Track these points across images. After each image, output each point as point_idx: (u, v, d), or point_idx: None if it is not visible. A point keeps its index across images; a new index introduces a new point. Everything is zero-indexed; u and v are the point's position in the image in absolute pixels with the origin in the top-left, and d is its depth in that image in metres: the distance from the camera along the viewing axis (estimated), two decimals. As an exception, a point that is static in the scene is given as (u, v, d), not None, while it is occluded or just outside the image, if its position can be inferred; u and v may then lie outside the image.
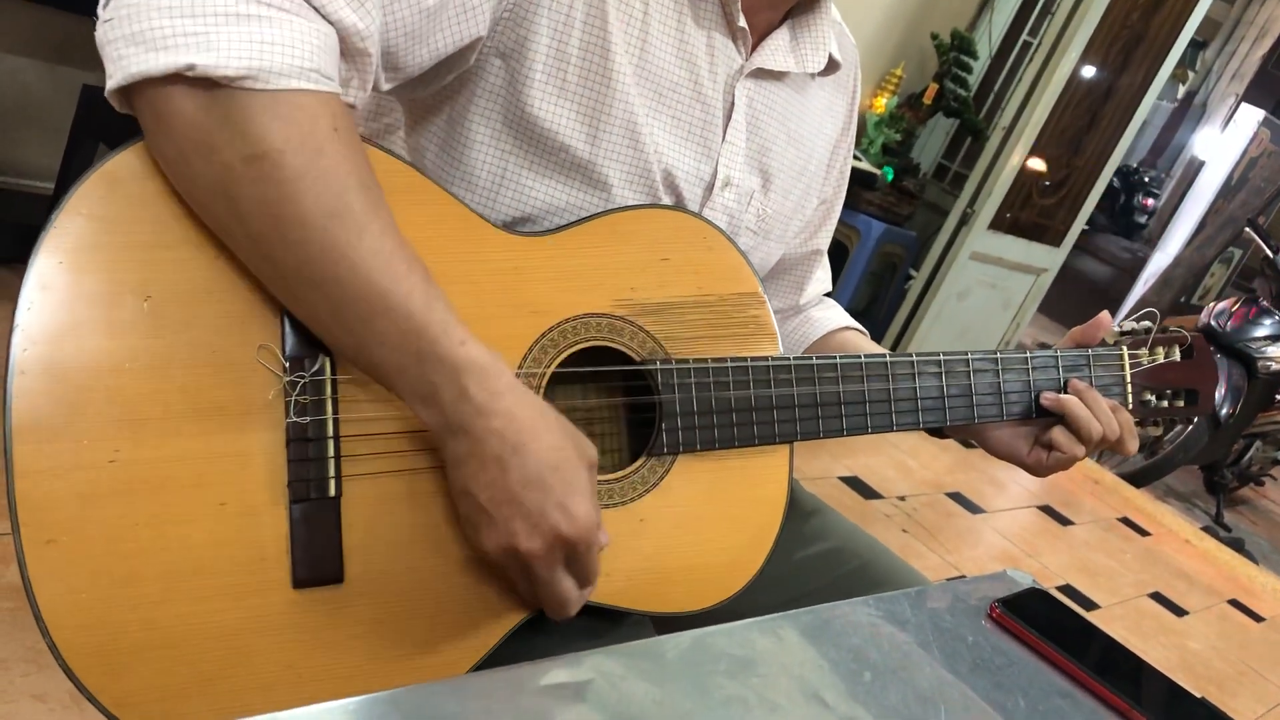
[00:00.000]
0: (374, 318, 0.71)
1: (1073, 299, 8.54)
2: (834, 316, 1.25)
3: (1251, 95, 10.25)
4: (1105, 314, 1.12)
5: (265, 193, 0.69)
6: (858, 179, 4.41)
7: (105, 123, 2.46)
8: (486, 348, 0.75)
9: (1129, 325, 1.14)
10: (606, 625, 0.93)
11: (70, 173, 2.53)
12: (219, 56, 0.66)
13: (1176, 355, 1.14)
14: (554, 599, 0.79)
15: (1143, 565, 4.03)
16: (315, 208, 0.69)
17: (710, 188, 0.99)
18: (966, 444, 4.35)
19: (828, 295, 1.31)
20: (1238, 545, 4.60)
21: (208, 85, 0.67)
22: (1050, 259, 4.83)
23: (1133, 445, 1.07)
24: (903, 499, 3.62)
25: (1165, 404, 1.14)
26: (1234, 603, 4.01)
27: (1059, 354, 1.08)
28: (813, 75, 1.06)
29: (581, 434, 0.79)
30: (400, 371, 0.73)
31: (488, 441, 0.74)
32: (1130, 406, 1.12)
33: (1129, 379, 1.12)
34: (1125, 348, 1.12)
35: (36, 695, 1.52)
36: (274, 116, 0.68)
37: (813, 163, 1.11)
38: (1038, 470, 1.09)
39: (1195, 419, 4.63)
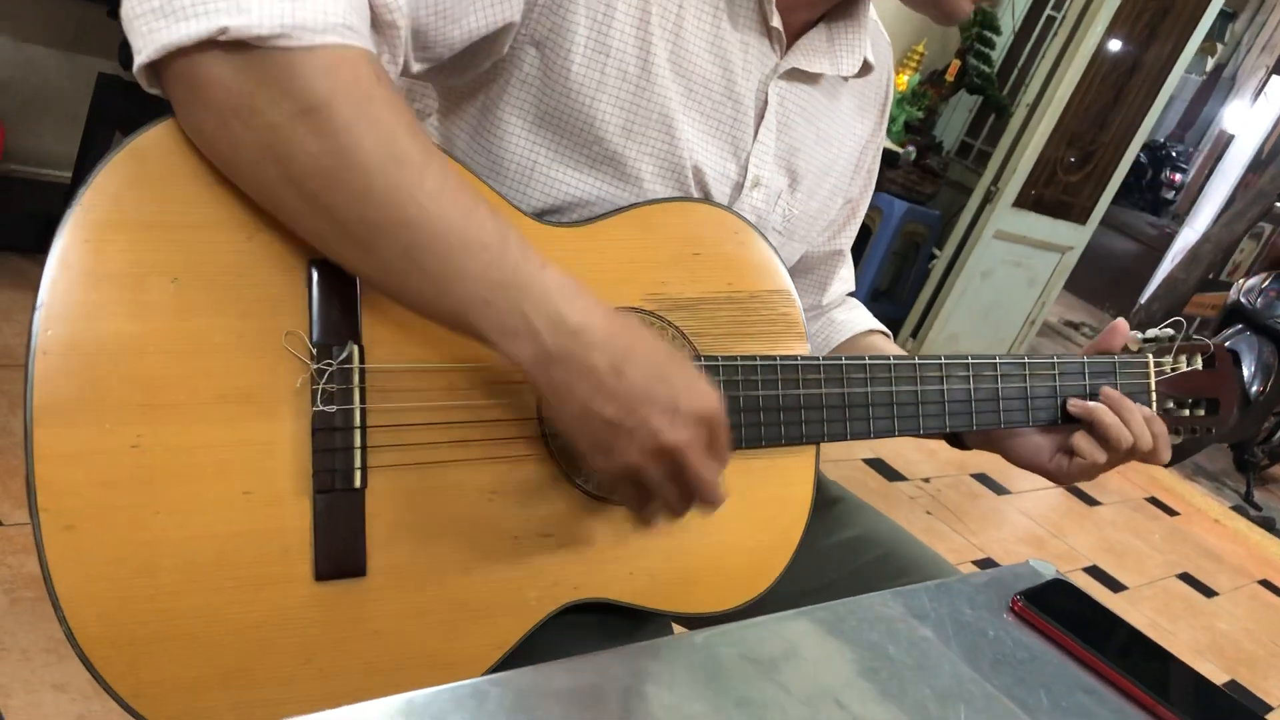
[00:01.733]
0: (450, 254, 0.70)
1: (1099, 276, 8.47)
2: (858, 319, 1.23)
3: (1282, 67, 10.09)
4: (1121, 321, 1.11)
5: (320, 145, 0.67)
6: (881, 158, 4.38)
7: (121, 111, 2.45)
8: (563, 269, 0.73)
9: (1153, 333, 1.13)
10: (628, 625, 0.92)
11: (87, 161, 2.53)
12: (251, 18, 0.65)
13: (1199, 364, 1.13)
14: (706, 485, 0.77)
15: (1171, 545, 3.99)
16: (374, 152, 0.68)
17: (740, 187, 0.98)
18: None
19: (850, 295, 1.29)
20: (1268, 524, 4.55)
21: (243, 48, 0.66)
22: (1076, 236, 4.77)
23: (1166, 455, 1.05)
24: (927, 481, 3.60)
25: (1186, 413, 1.13)
26: (1264, 583, 3.97)
27: (1086, 361, 1.08)
28: (846, 78, 1.04)
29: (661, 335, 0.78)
30: (485, 305, 0.71)
31: (594, 356, 0.72)
32: (1155, 414, 1.10)
33: (1154, 387, 1.11)
34: (1151, 355, 1.11)
35: (58, 685, 1.53)
36: (316, 70, 0.67)
37: (840, 162, 1.09)
38: (1059, 478, 1.08)
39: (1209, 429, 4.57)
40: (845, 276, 1.24)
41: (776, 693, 0.62)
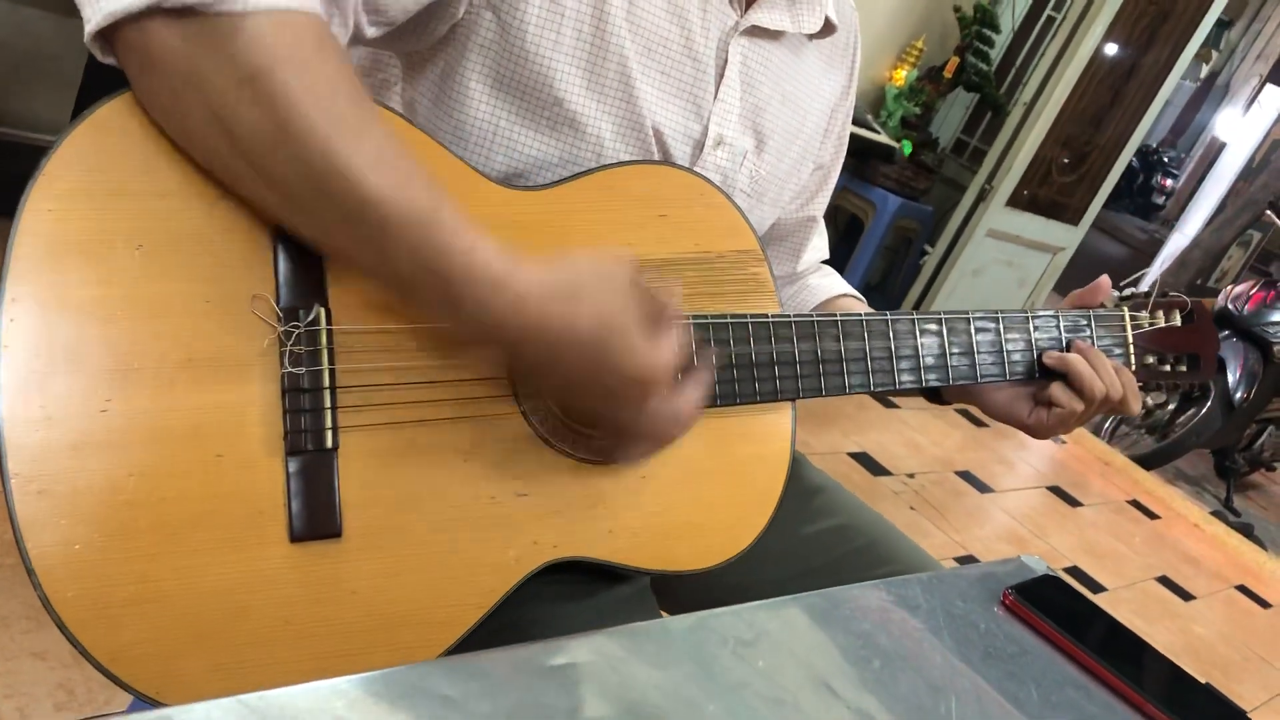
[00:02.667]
0: (384, 226, 0.69)
1: (1088, 278, 8.45)
2: (832, 284, 1.23)
3: (1276, 76, 10.12)
4: (1105, 277, 1.11)
5: (259, 113, 0.67)
6: (875, 152, 4.37)
7: (116, 77, 2.43)
8: (497, 247, 0.72)
9: (1129, 291, 1.14)
10: (606, 585, 0.92)
11: (80, 127, 2.51)
12: None
13: (1177, 320, 1.13)
14: (687, 417, 0.80)
15: (1151, 548, 4.01)
16: (311, 120, 0.67)
17: (700, 146, 0.98)
18: (977, 422, 4.34)
19: (825, 263, 1.29)
20: (1247, 530, 4.58)
21: (189, 15, 0.66)
22: (1068, 237, 4.79)
23: (1135, 405, 1.06)
24: (911, 476, 3.61)
25: (1168, 368, 1.14)
26: (1241, 588, 4.00)
27: (1060, 314, 1.08)
28: (809, 37, 1.04)
29: (604, 264, 0.76)
30: (414, 286, 0.71)
31: (525, 351, 0.74)
32: (1134, 369, 1.11)
33: (1131, 340, 1.11)
34: (1127, 309, 1.11)
35: (37, 653, 1.52)
36: (257, 36, 0.67)
37: (808, 125, 1.09)
38: (1038, 431, 1.08)
39: (1209, 403, 4.60)
40: (819, 245, 1.24)
41: (769, 678, 0.62)
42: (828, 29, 1.03)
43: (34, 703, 1.46)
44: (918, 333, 1.00)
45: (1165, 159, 13.59)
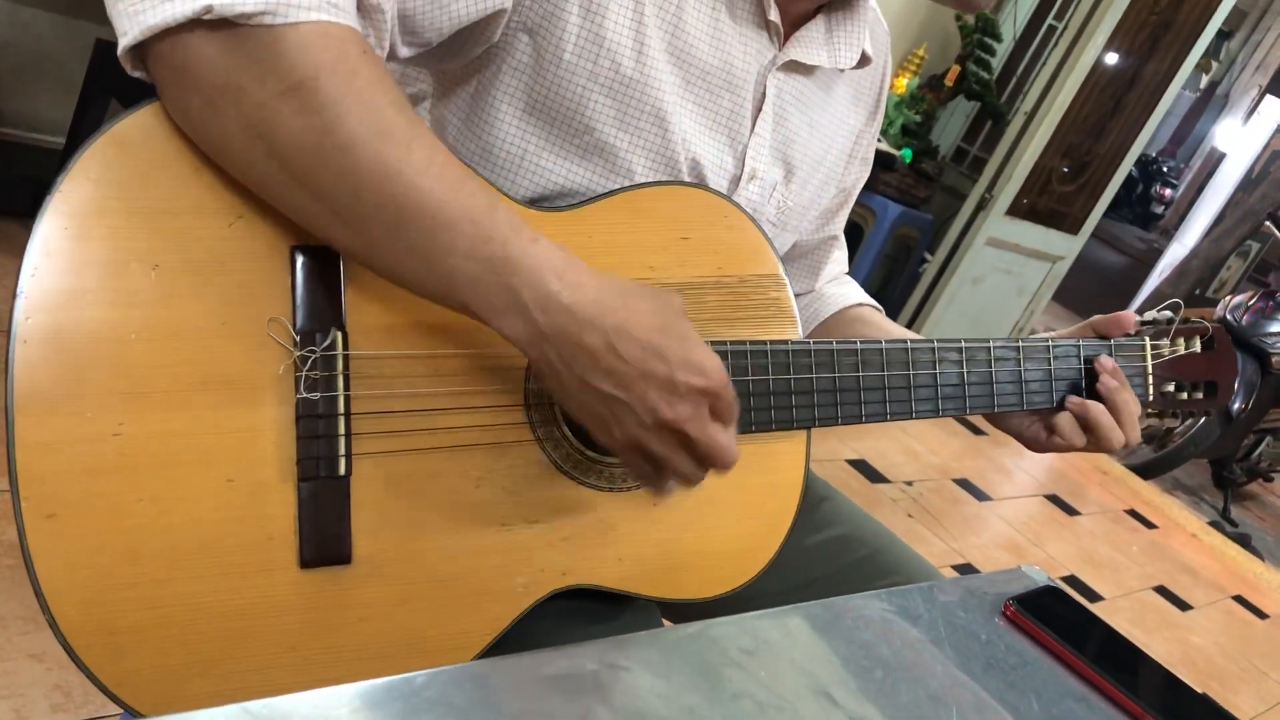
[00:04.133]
0: (438, 231, 0.69)
1: (1087, 288, 8.50)
2: (849, 293, 1.22)
3: (1276, 87, 10.14)
4: (1131, 313, 1.08)
5: (306, 123, 0.67)
6: (876, 160, 4.37)
7: (118, 78, 2.42)
8: (554, 242, 0.73)
9: (1150, 315, 1.10)
10: (613, 610, 0.91)
11: (82, 128, 2.51)
12: None
13: (1197, 347, 1.10)
14: (715, 451, 0.75)
15: (1148, 558, 4.01)
16: (360, 129, 0.67)
17: (737, 180, 0.97)
18: (975, 430, 4.34)
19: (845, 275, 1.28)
20: (1244, 541, 4.58)
21: (227, 27, 0.66)
22: (1067, 247, 4.79)
23: (1136, 438, 1.04)
24: (910, 484, 3.61)
25: (1185, 395, 1.11)
26: (1239, 599, 4.00)
27: (1081, 343, 1.05)
28: (843, 70, 1.04)
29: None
30: (475, 282, 0.70)
31: (587, 334, 0.71)
32: (1151, 398, 1.09)
33: (1150, 370, 1.09)
34: (1148, 338, 1.09)
35: (34, 655, 1.52)
36: (301, 47, 0.66)
37: (833, 152, 1.09)
38: (1033, 446, 1.07)
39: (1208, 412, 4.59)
40: (839, 259, 1.23)
41: (770, 687, 0.62)
42: (863, 62, 1.02)
43: (30, 704, 1.46)
44: (937, 361, 0.98)
45: (1165, 169, 13.61)
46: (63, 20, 2.64)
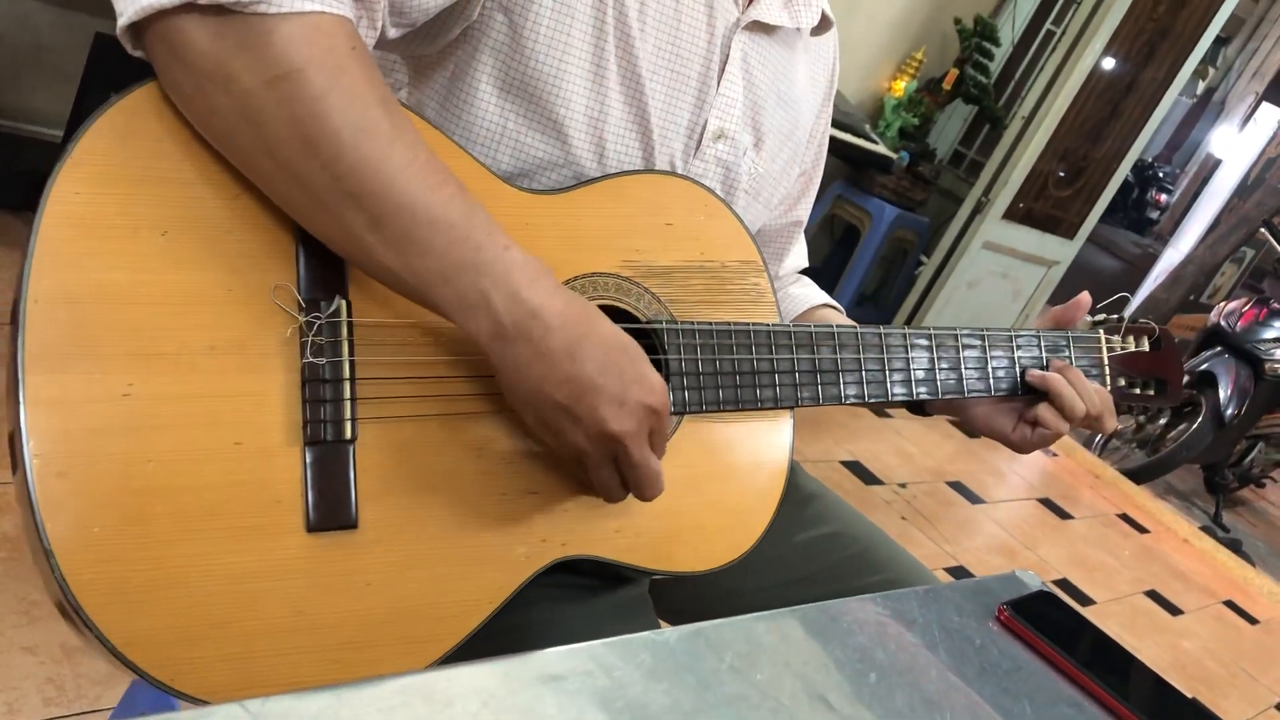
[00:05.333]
0: (415, 228, 0.71)
1: (1081, 292, 8.49)
2: (811, 294, 1.26)
3: (1272, 94, 10.16)
4: (1085, 295, 1.15)
5: (292, 113, 0.68)
6: (873, 162, 4.38)
7: (117, 71, 2.42)
8: (526, 251, 0.75)
9: (1101, 315, 1.18)
10: (606, 588, 0.94)
11: (80, 121, 2.49)
12: None
13: (1146, 346, 1.18)
14: (647, 477, 0.79)
15: (1140, 562, 4.02)
16: (344, 123, 0.69)
17: (700, 138, 0.99)
18: (969, 433, 4.34)
19: (802, 273, 1.32)
20: (1235, 546, 4.59)
21: (220, 13, 0.67)
22: (1063, 251, 4.80)
23: (1111, 423, 1.10)
24: (903, 486, 3.61)
25: (1138, 390, 1.19)
26: (1229, 604, 4.01)
27: (1041, 333, 1.12)
28: (801, 30, 1.06)
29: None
30: (446, 281, 0.73)
31: (550, 338, 0.74)
32: (1110, 389, 1.15)
33: (1106, 361, 1.16)
34: (1103, 331, 1.16)
35: (27, 648, 1.52)
36: (291, 37, 0.68)
37: (799, 129, 1.11)
38: (1022, 447, 1.11)
39: (1200, 418, 4.62)
40: (799, 251, 1.27)
41: (765, 690, 0.62)
42: (824, 24, 1.06)
43: (23, 698, 1.46)
44: (909, 346, 1.04)
45: (1160, 174, 13.63)
46: (61, 13, 2.63)
